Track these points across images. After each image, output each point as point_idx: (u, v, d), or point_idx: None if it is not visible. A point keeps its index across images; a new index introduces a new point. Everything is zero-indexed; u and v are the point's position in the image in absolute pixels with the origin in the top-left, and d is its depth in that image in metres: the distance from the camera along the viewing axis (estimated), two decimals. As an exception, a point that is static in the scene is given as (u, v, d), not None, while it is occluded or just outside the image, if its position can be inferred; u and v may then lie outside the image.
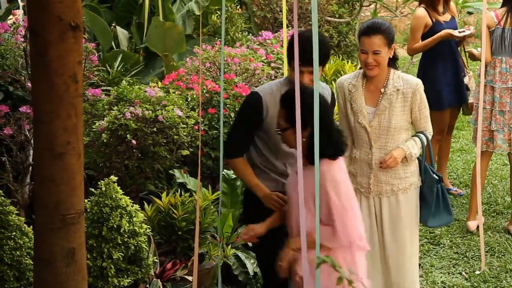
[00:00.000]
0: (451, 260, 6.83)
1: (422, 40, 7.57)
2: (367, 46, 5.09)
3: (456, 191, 8.15)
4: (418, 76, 7.85)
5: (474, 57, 7.44)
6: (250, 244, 5.99)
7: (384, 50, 5.07)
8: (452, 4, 7.81)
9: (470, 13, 10.98)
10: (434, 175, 5.29)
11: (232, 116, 6.90)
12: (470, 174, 8.58)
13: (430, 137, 5.31)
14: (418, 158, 5.29)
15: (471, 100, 7.61)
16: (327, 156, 4.20)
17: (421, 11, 7.55)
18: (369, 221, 5.34)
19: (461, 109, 8.00)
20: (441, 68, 7.62)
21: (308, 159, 4.15)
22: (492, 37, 7.04)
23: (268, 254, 4.83)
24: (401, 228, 5.28)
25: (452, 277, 6.54)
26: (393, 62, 5.21)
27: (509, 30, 6.95)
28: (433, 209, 5.29)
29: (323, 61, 4.86)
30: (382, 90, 5.14)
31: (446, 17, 7.61)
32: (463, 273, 6.61)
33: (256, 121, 4.95)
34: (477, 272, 6.52)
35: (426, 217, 5.34)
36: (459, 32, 7.38)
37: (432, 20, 7.51)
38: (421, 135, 5.26)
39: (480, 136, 6.69)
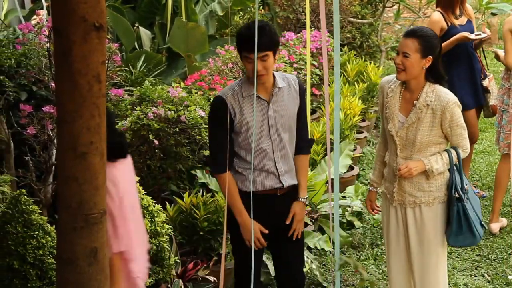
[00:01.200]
0: (474, 262, 6.79)
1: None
2: (399, 47, 5.03)
3: (478, 193, 8.11)
4: None
5: (499, 58, 7.41)
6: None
7: (414, 55, 4.93)
8: (468, 7, 7.77)
9: (494, 14, 10.92)
10: (456, 194, 5.09)
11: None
12: (493, 176, 8.53)
13: (463, 154, 5.12)
14: (450, 172, 5.18)
15: (493, 102, 7.57)
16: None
17: (437, 15, 7.54)
18: (397, 227, 5.30)
19: (481, 112, 7.96)
20: (456, 71, 7.59)
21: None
22: None
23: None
24: (426, 240, 5.19)
25: (475, 279, 6.51)
26: (432, 75, 5.03)
27: None
28: (455, 228, 5.12)
29: (272, 47, 4.81)
30: (415, 102, 5.04)
31: (462, 20, 7.59)
32: (486, 275, 6.58)
33: (227, 123, 4.81)
34: (510, 277, 6.48)
35: (448, 234, 5.18)
36: (475, 35, 7.37)
37: (447, 24, 7.49)
38: (452, 150, 5.10)
39: None
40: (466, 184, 5.14)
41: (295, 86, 5.05)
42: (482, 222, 5.20)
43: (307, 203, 5.23)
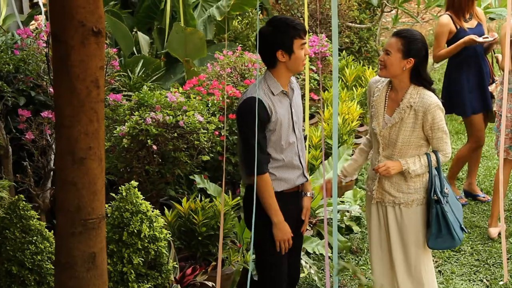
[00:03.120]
0: (472, 267, 6.79)
1: (447, 47, 7.57)
2: (385, 44, 5.17)
3: (484, 197, 8.11)
4: (443, 83, 7.86)
5: (498, 62, 7.43)
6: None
7: (395, 54, 5.01)
8: (478, 10, 7.79)
9: (492, 19, 10.94)
10: (434, 196, 5.11)
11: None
12: (491, 180, 8.54)
13: (444, 158, 5.15)
14: (429, 175, 5.20)
15: (494, 107, 7.58)
16: None
17: (445, 18, 7.55)
18: (378, 225, 5.35)
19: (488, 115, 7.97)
20: (465, 74, 7.61)
21: None
22: None
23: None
24: (407, 241, 5.25)
25: (473, 284, 6.51)
26: (415, 78, 5.08)
27: None
28: (434, 230, 5.14)
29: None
30: (400, 102, 5.11)
31: (472, 23, 7.60)
32: (484, 280, 6.57)
33: (265, 123, 4.89)
34: (501, 283, 6.48)
35: (428, 236, 5.20)
36: (483, 38, 7.38)
37: (456, 27, 7.51)
38: (432, 154, 5.14)
39: (503, 144, 6.66)
40: (447, 188, 5.19)
41: (296, 84, 5.21)
42: (462, 226, 5.23)
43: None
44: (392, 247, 5.29)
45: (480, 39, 7.36)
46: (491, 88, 7.68)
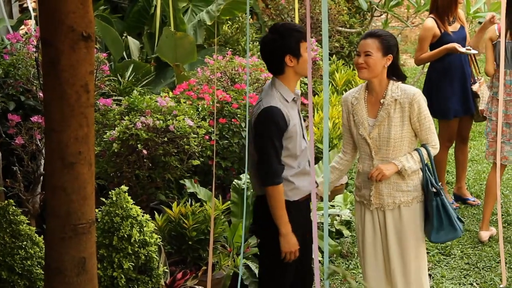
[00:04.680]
0: (462, 270, 6.80)
1: (431, 50, 7.59)
2: (360, 48, 5.18)
3: (474, 201, 8.13)
4: (425, 85, 7.89)
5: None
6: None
7: (376, 54, 5.08)
8: (460, 12, 7.82)
9: (481, 23, 10.97)
10: (433, 188, 5.17)
11: (243, 126, 6.91)
12: (481, 184, 8.57)
13: (434, 151, 5.21)
14: (422, 171, 5.24)
15: (482, 107, 7.61)
16: None
17: (430, 22, 7.57)
18: (373, 234, 5.33)
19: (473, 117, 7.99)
20: (448, 78, 7.64)
21: None
22: (495, 50, 7.06)
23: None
24: (405, 242, 5.24)
25: (463, 288, 6.53)
26: (393, 73, 5.18)
27: (509, 43, 6.95)
28: (435, 223, 5.18)
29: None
30: (382, 101, 5.13)
31: (455, 26, 7.63)
32: (474, 283, 6.59)
33: (283, 132, 4.91)
34: (501, 286, 6.48)
35: (429, 231, 5.23)
36: (466, 49, 7.40)
37: (440, 31, 7.53)
38: (422, 148, 5.18)
39: (500, 148, 6.69)
40: (439, 184, 5.23)
41: (298, 90, 5.22)
42: (459, 217, 5.30)
43: None
44: (390, 256, 5.26)
45: (462, 49, 7.38)
46: (475, 87, 7.71)
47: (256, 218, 5.25)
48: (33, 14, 8.49)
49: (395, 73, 5.19)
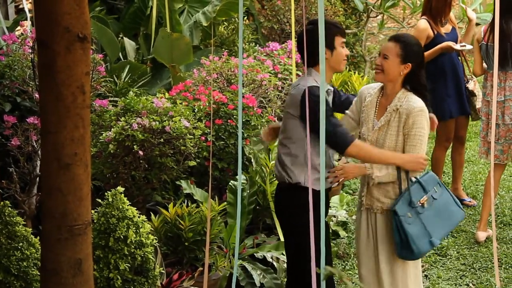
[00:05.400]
0: (458, 271, 6.81)
1: (424, 51, 7.60)
2: (382, 49, 5.12)
3: (470, 201, 8.13)
4: None
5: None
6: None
7: (393, 58, 5.00)
8: (451, 14, 7.84)
9: (477, 24, 10.98)
10: (394, 207, 5.04)
11: (239, 127, 6.91)
12: (477, 185, 8.57)
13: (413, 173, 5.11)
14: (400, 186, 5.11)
15: (479, 105, 7.63)
16: None
17: (423, 23, 7.58)
18: (367, 233, 5.31)
19: (469, 117, 8.01)
20: (443, 79, 7.66)
21: None
22: (481, 52, 7.11)
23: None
24: (392, 245, 5.20)
25: (459, 289, 6.54)
26: (410, 83, 5.07)
27: (491, 46, 6.97)
28: (396, 239, 5.08)
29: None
30: (388, 106, 5.10)
31: (447, 28, 7.67)
32: (470, 284, 6.59)
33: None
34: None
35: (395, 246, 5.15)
36: (460, 46, 7.42)
37: (434, 32, 7.55)
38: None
39: (493, 148, 6.70)
40: (420, 199, 5.08)
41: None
42: (432, 239, 5.08)
43: None
44: (379, 256, 5.25)
45: (457, 47, 7.41)
46: (470, 86, 7.74)
47: (283, 212, 5.23)
48: (29, 15, 8.49)
49: (413, 83, 5.07)
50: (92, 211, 5.04)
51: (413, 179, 5.09)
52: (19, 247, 5.03)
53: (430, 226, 5.09)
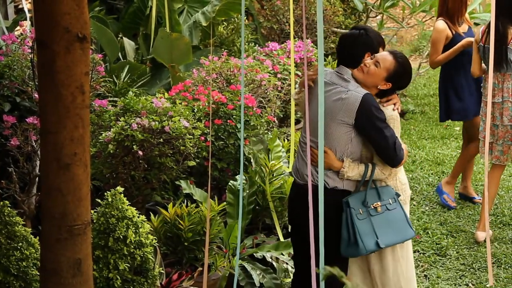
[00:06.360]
0: (458, 271, 6.81)
1: (442, 53, 7.61)
2: (378, 55, 5.09)
3: (480, 199, 8.10)
4: (439, 88, 7.94)
5: None
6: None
7: (382, 71, 5.01)
8: (466, 14, 7.84)
9: (476, 24, 10.99)
10: (347, 198, 5.02)
11: (239, 128, 6.91)
12: (477, 185, 8.57)
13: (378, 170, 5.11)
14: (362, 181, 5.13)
15: None
16: None
17: (441, 24, 7.58)
18: None
19: None
20: (464, 78, 7.66)
21: None
22: (479, 53, 7.12)
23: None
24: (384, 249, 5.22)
25: (459, 289, 6.54)
26: (381, 98, 5.14)
27: (487, 47, 6.97)
28: (344, 235, 5.03)
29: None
30: None
31: (464, 28, 7.68)
32: (470, 284, 6.59)
33: None
34: (488, 286, 6.49)
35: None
36: None
37: (452, 32, 7.55)
38: (370, 165, 5.10)
39: (488, 148, 6.69)
40: (374, 203, 5.08)
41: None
42: (379, 241, 5.04)
43: None
44: (371, 254, 5.27)
45: None
46: None
47: (301, 211, 5.22)
48: (28, 15, 8.49)
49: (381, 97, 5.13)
50: (92, 211, 5.04)
51: (373, 186, 5.12)
52: (19, 247, 5.03)
53: (379, 230, 5.07)
